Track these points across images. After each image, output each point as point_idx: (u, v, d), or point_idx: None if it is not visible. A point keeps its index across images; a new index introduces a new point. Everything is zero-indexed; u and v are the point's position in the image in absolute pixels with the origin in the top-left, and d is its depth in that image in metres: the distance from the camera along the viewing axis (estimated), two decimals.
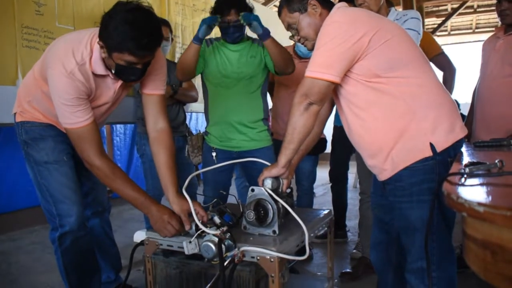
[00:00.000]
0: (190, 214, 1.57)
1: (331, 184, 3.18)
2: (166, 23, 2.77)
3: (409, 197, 1.40)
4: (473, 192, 0.65)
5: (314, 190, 3.05)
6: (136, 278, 2.36)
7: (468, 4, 7.99)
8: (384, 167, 1.43)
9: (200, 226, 1.43)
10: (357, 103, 1.44)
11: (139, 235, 3.36)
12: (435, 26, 8.74)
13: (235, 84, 2.26)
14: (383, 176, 1.47)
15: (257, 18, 2.13)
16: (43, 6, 2.25)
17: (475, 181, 0.75)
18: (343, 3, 1.53)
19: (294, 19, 1.55)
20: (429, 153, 1.34)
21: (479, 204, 0.53)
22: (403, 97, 1.37)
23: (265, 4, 7.15)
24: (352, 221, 3.51)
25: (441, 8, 8.48)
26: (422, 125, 1.36)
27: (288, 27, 1.60)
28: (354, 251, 2.77)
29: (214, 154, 2.31)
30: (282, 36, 2.13)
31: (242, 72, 2.25)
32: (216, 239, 1.38)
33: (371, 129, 1.44)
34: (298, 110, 1.42)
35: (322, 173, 3.35)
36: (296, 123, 1.44)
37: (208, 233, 1.41)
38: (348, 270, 2.47)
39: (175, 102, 2.80)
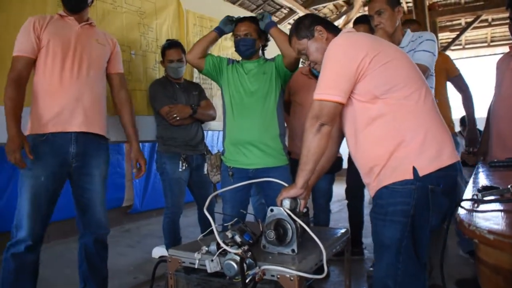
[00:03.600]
0: (211, 232, 1.64)
1: (347, 201, 3.20)
2: (178, 45, 2.86)
3: (383, 216, 1.46)
4: (485, 219, 0.69)
5: (330, 207, 3.08)
6: None
7: (483, 18, 7.98)
8: (372, 184, 1.51)
9: (222, 245, 1.48)
10: (355, 125, 1.52)
11: (158, 251, 3.44)
12: (449, 40, 8.74)
13: (250, 101, 2.34)
14: (371, 193, 1.53)
15: (268, 15, 2.37)
16: None
17: (487, 206, 0.79)
18: (351, 28, 1.61)
19: (303, 45, 1.65)
20: (410, 176, 1.39)
21: (490, 232, 0.58)
22: (393, 121, 1.43)
23: (279, 22, 7.27)
24: (368, 238, 3.49)
25: (454, 22, 8.50)
26: (409, 148, 1.41)
27: (299, 53, 1.70)
28: (371, 269, 2.78)
29: (230, 173, 2.38)
30: None
31: (256, 90, 2.34)
32: (238, 258, 1.43)
33: (364, 150, 1.52)
34: (311, 132, 1.49)
35: (338, 189, 3.38)
36: (310, 144, 1.50)
37: (230, 252, 1.46)
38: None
39: (194, 121, 2.88)
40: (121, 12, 2.76)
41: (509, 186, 0.84)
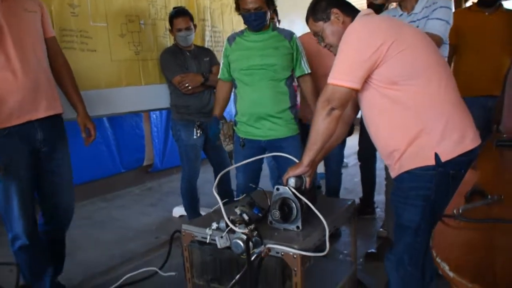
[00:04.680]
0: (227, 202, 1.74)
1: (360, 163, 3.25)
2: (185, 13, 2.82)
3: (404, 199, 1.51)
4: (456, 246, 0.72)
5: (346, 160, 3.09)
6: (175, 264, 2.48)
7: None
8: (394, 167, 1.54)
9: (230, 225, 1.57)
10: (373, 109, 1.53)
11: (178, 210, 3.62)
12: None
13: (260, 75, 2.33)
14: (392, 174, 1.57)
15: None
16: (77, 8, 2.38)
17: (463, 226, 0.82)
18: (368, 10, 1.57)
19: (319, 27, 1.63)
20: (432, 162, 1.42)
21: (450, 269, 0.62)
22: (415, 107, 1.43)
23: None
24: (381, 195, 3.58)
25: None
26: (431, 136, 1.42)
27: (315, 34, 1.68)
28: (381, 229, 2.87)
29: (242, 144, 2.44)
30: None
31: (265, 63, 2.32)
32: (245, 237, 1.53)
33: (384, 135, 1.54)
34: (321, 115, 1.51)
35: (355, 141, 3.36)
36: (320, 127, 1.53)
37: (237, 231, 1.55)
38: (373, 250, 2.58)
39: (206, 88, 2.91)
40: None
41: (495, 196, 0.87)
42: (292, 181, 1.68)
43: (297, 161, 1.91)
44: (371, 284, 2.21)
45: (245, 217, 1.65)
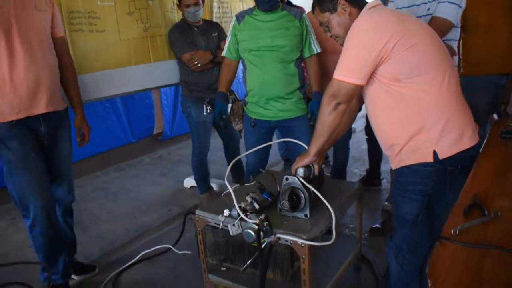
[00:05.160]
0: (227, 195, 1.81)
1: (367, 137, 3.29)
2: None
3: (403, 192, 1.57)
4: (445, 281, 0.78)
5: (354, 125, 3.13)
6: (190, 242, 2.58)
7: None
8: (394, 160, 1.59)
9: (242, 215, 1.65)
10: (376, 103, 1.56)
11: (189, 182, 3.72)
12: None
13: (270, 56, 2.32)
14: (392, 166, 1.63)
15: None
16: None
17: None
18: (376, 1, 1.55)
19: (325, 18, 1.62)
20: (430, 159, 1.46)
21: None
22: (417, 105, 1.45)
23: None
24: (387, 165, 3.64)
25: None
26: (431, 133, 1.46)
27: (321, 24, 1.67)
28: (386, 203, 2.95)
29: (252, 124, 2.48)
30: None
31: (276, 45, 2.30)
32: (256, 227, 1.61)
33: (385, 129, 1.58)
34: (327, 110, 1.55)
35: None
36: (325, 121, 1.58)
37: (249, 222, 1.63)
38: (377, 225, 2.67)
39: (215, 65, 2.91)
40: None
41: (491, 213, 0.92)
42: (300, 171, 1.74)
43: (305, 146, 1.97)
44: (375, 260, 2.31)
45: (256, 206, 1.73)
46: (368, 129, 3.26)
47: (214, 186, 3.39)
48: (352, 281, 2.21)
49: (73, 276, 2.33)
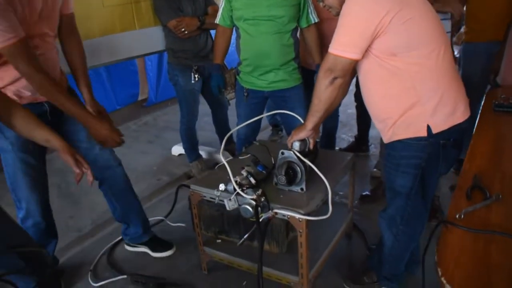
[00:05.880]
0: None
1: (356, 103, 3.29)
2: None
3: (396, 166, 1.59)
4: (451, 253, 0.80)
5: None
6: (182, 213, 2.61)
7: None
8: (386, 133, 1.60)
9: (239, 191, 1.65)
10: (370, 77, 1.54)
11: (176, 149, 3.69)
12: None
13: (266, 26, 2.25)
14: (384, 139, 1.64)
15: None
16: None
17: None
18: None
19: None
20: (424, 133, 1.48)
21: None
22: (412, 80, 1.44)
23: None
24: (374, 129, 3.66)
25: None
26: (425, 107, 1.46)
27: None
28: (375, 170, 3.00)
29: (245, 94, 2.44)
30: None
31: (273, 15, 2.23)
32: (254, 203, 1.62)
33: (378, 102, 1.57)
34: (323, 84, 1.53)
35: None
36: (322, 95, 1.56)
37: (246, 197, 1.64)
38: (367, 192, 2.72)
39: (202, 31, 2.82)
40: None
41: (493, 196, 0.94)
42: (296, 145, 1.74)
43: (300, 119, 1.96)
44: (366, 229, 2.37)
45: (252, 180, 1.73)
46: (358, 96, 3.26)
47: (203, 153, 3.37)
48: (344, 249, 2.26)
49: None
